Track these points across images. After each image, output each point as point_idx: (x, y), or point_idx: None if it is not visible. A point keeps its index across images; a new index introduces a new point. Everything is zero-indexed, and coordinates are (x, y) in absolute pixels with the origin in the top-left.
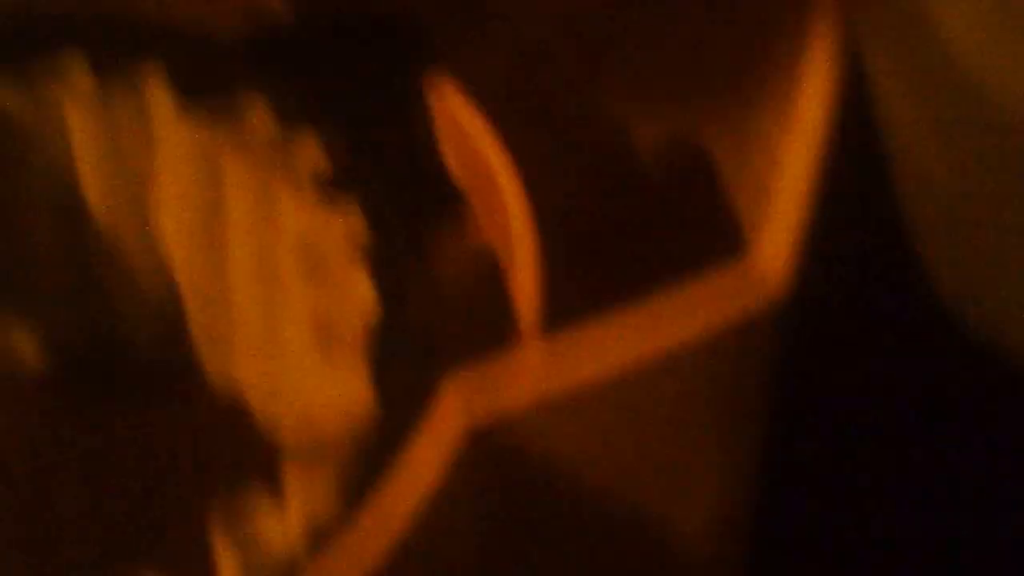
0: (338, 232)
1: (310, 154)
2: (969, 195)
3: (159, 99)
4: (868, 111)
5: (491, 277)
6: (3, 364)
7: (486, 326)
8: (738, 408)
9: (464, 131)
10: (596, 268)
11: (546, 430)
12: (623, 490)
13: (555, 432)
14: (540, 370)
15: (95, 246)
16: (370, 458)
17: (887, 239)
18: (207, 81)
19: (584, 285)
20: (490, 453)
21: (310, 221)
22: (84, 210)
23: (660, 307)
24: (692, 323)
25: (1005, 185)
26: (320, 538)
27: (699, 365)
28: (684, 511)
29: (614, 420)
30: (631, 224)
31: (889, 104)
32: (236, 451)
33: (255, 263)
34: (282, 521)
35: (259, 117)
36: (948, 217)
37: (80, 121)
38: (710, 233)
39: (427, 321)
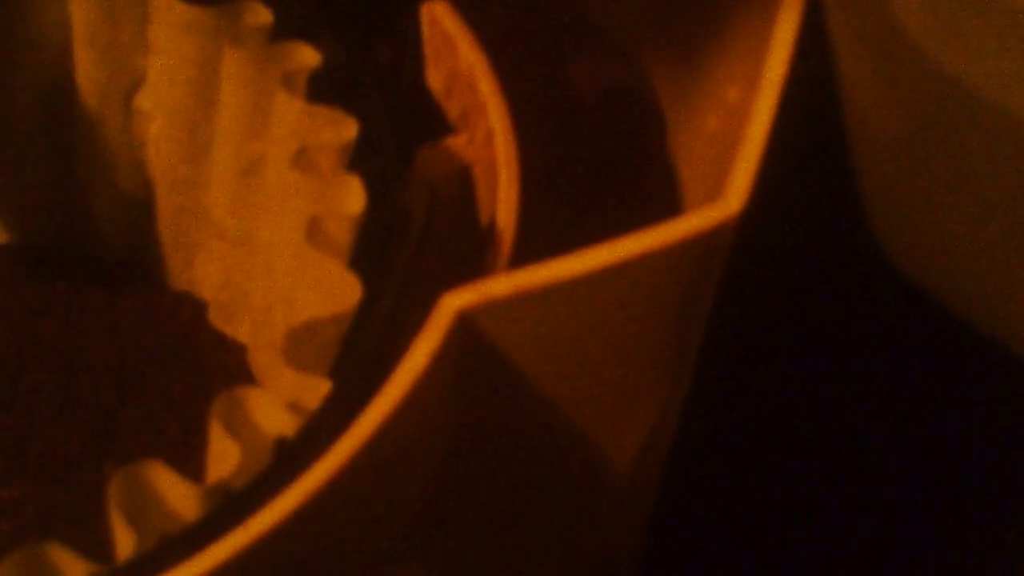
0: (329, 137)
1: (305, 57)
2: (910, 142)
3: None
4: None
5: (470, 198)
6: None
7: (464, 244)
8: (683, 324)
9: (457, 55)
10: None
11: (513, 324)
12: (572, 403)
13: (521, 327)
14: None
15: (78, 133)
16: (359, 349)
17: (833, 181)
18: None
19: (551, 220)
20: (467, 345)
21: (302, 124)
22: (72, 97)
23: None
24: (653, 237)
25: (943, 135)
26: (308, 423)
27: (655, 274)
28: (620, 436)
29: (573, 320)
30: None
31: (843, 56)
32: (200, 347)
33: (241, 162)
34: (275, 410)
35: (257, 15)
36: (891, 163)
37: (80, 6)
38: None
39: (414, 227)
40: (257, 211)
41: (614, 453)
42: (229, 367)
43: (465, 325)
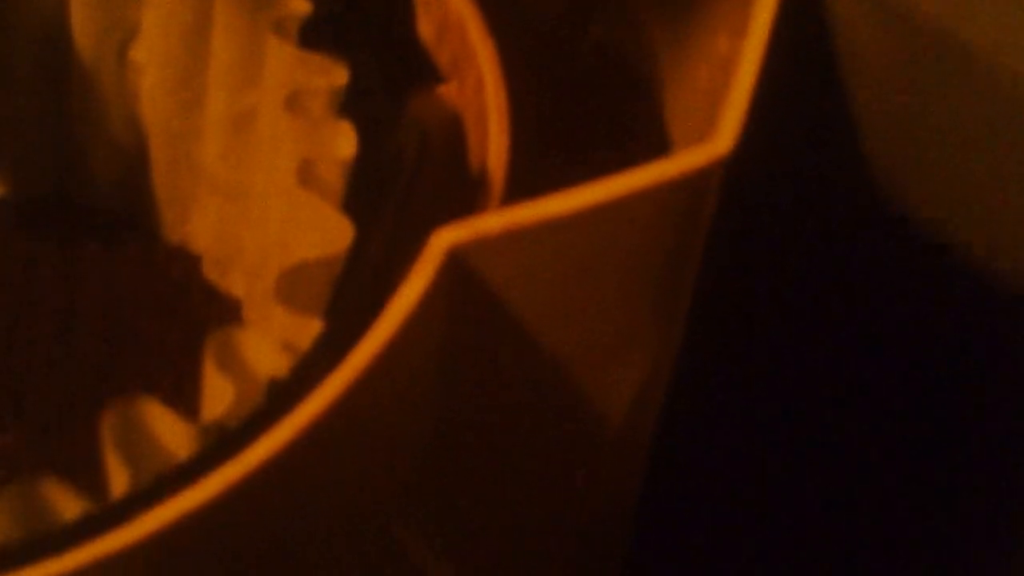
0: (321, 83)
1: (296, 4)
2: (906, 89)
3: None
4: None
5: (461, 145)
6: None
7: (454, 190)
8: (673, 269)
9: (447, 3)
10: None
11: (504, 262)
12: (564, 345)
13: (512, 266)
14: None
15: (73, 86)
16: (351, 290)
17: (826, 130)
18: None
19: (542, 169)
20: (458, 283)
21: (293, 71)
22: (67, 50)
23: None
24: (644, 176)
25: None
26: (301, 362)
27: (646, 214)
28: (613, 384)
29: (565, 259)
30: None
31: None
32: (194, 301)
33: (233, 113)
34: (267, 350)
35: None
36: (883, 104)
37: None
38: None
39: (405, 170)
40: (250, 162)
41: (607, 402)
42: (223, 321)
43: (456, 262)
